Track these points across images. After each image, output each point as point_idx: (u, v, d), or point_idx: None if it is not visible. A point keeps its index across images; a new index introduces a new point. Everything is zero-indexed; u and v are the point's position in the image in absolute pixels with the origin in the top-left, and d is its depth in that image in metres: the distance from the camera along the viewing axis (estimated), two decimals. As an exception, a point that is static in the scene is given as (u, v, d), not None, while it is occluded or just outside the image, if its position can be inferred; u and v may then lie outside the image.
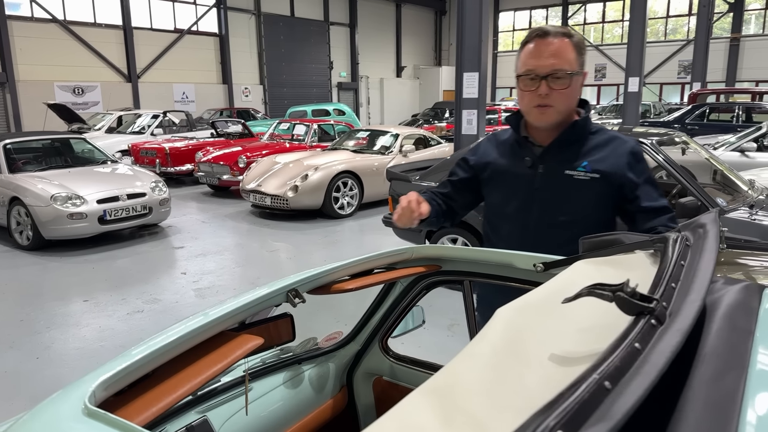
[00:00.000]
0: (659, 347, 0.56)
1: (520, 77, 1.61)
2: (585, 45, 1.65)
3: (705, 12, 18.61)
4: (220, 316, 0.94)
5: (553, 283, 0.97)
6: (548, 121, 1.62)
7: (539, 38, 1.59)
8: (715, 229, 0.95)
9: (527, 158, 1.66)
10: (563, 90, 1.57)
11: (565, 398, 0.48)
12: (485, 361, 0.72)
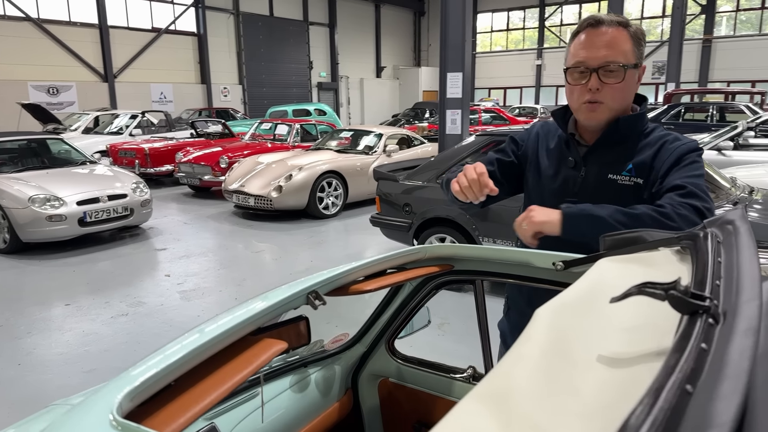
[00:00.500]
0: (732, 348, 0.54)
1: (569, 70, 1.47)
2: (644, 35, 1.48)
3: (678, 14, 18.96)
4: (242, 321, 0.90)
5: (584, 282, 0.96)
6: (599, 120, 1.46)
7: (591, 27, 1.44)
8: (746, 226, 0.95)
9: (570, 158, 1.53)
10: (616, 84, 1.41)
11: (649, 405, 0.46)
12: (535, 364, 0.70)
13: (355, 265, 1.14)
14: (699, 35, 24.37)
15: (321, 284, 1.06)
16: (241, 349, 0.90)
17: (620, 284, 0.96)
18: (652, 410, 0.44)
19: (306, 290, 1.02)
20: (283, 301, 0.97)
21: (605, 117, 1.46)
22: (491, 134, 4.98)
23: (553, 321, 0.79)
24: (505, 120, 15.63)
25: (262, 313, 0.93)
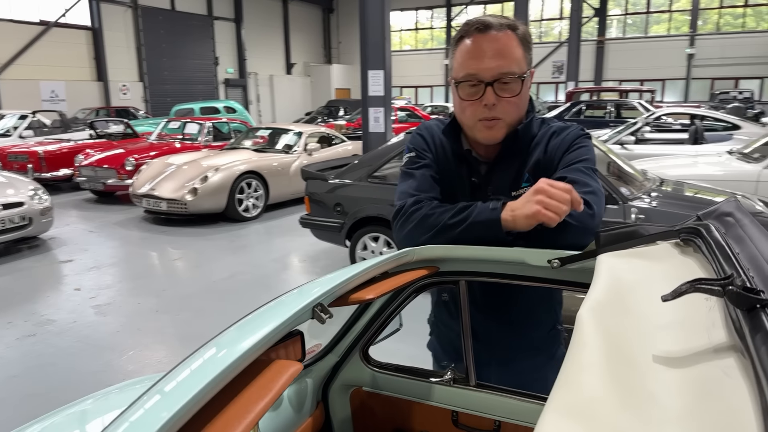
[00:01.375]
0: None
1: (459, 84, 1.31)
2: (531, 37, 1.36)
3: (576, 16, 20.15)
4: (253, 345, 0.79)
5: (604, 279, 0.93)
6: (497, 138, 1.34)
7: (479, 33, 1.28)
8: (748, 216, 0.96)
9: (474, 179, 1.40)
10: (513, 98, 1.29)
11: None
12: (601, 371, 0.65)
13: (352, 273, 1.05)
14: (593, 37, 26.03)
15: (325, 296, 0.96)
16: (253, 374, 0.79)
17: (637, 279, 0.94)
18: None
19: (311, 304, 0.92)
20: (290, 319, 0.87)
21: (503, 133, 1.33)
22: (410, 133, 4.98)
23: (598, 323, 0.75)
24: (420, 118, 15.86)
25: (271, 334, 0.82)
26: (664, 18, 26.43)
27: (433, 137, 1.48)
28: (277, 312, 0.91)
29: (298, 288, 1.09)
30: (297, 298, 0.96)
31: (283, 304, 0.94)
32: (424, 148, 1.47)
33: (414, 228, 1.32)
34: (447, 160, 1.45)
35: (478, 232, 1.23)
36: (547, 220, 1.14)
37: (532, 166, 1.37)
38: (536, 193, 1.17)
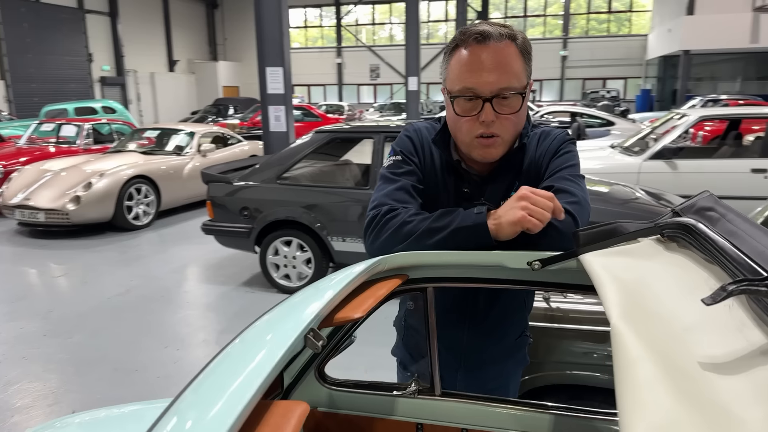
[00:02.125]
0: None
1: (456, 98, 1.23)
2: (531, 47, 1.27)
3: (462, 19, 20.90)
4: (257, 391, 0.65)
5: (609, 282, 0.89)
6: (495, 157, 1.28)
7: (478, 43, 1.20)
8: (733, 211, 0.96)
9: (466, 190, 1.34)
10: (512, 115, 1.22)
11: None
12: (667, 387, 0.59)
13: (333, 290, 0.93)
14: (476, 38, 27.23)
15: (315, 320, 0.83)
16: (255, 421, 0.65)
17: (636, 279, 0.91)
18: None
19: (303, 331, 0.79)
20: (287, 353, 0.73)
21: (501, 152, 1.27)
22: (331, 131, 4.87)
23: (636, 331, 0.70)
24: (316, 117, 15.66)
25: (273, 372, 0.69)
26: (539, 22, 28.27)
27: (422, 141, 1.39)
28: (266, 345, 0.77)
29: (273, 312, 0.95)
30: (283, 326, 0.82)
31: (269, 333, 0.80)
32: (411, 152, 1.38)
33: (390, 236, 1.22)
34: (434, 167, 1.37)
35: (463, 238, 1.16)
36: (531, 227, 1.10)
37: (524, 177, 1.33)
38: (519, 200, 1.12)
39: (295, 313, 0.87)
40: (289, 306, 0.96)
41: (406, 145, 1.39)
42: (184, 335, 4.03)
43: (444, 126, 1.37)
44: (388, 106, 21.53)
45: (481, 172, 1.35)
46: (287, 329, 0.79)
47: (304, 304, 0.92)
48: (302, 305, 0.92)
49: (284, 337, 0.75)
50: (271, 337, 0.80)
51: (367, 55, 29.62)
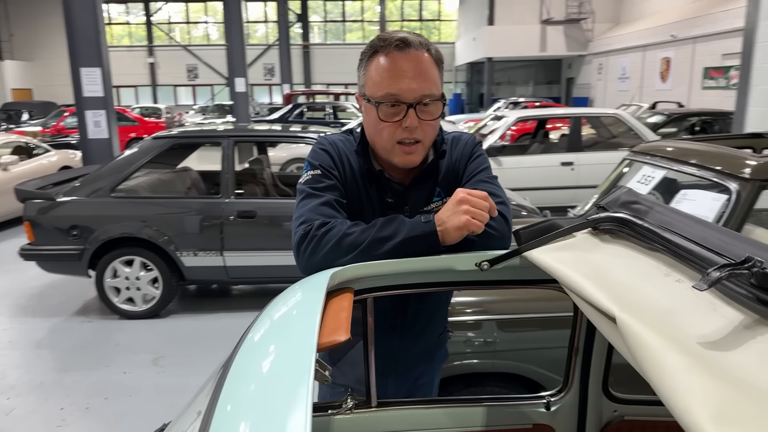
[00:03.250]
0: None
1: (380, 105, 1.21)
2: (442, 57, 1.30)
3: (283, 20, 20.78)
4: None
5: (574, 275, 0.93)
6: (415, 162, 1.28)
7: (399, 51, 1.20)
8: (658, 203, 1.07)
9: (390, 200, 1.32)
10: (432, 121, 1.25)
11: None
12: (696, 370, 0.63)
13: (316, 316, 0.83)
14: (299, 41, 27.27)
15: (313, 349, 0.73)
16: None
17: (593, 271, 0.97)
18: None
19: (311, 362, 0.69)
20: (308, 393, 0.63)
21: (421, 157, 1.29)
22: (174, 136, 4.48)
23: (641, 321, 0.74)
24: (132, 121, 14.36)
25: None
26: (357, 27, 29.24)
27: (340, 154, 1.34)
28: (279, 389, 0.66)
29: (256, 351, 0.83)
30: (285, 363, 0.72)
31: (274, 377, 0.69)
32: (330, 166, 1.31)
33: (331, 250, 1.15)
34: (355, 179, 1.33)
35: (413, 246, 1.13)
36: (475, 229, 1.12)
37: (442, 181, 1.34)
38: (460, 204, 1.13)
39: (293, 347, 0.77)
40: (277, 339, 0.85)
41: (324, 158, 1.33)
42: (14, 381, 3.41)
43: (363, 136, 1.34)
44: (211, 108, 20.55)
45: (403, 180, 1.34)
46: (295, 368, 0.69)
47: (293, 335, 0.82)
48: (293, 336, 0.81)
49: (297, 380, 0.65)
50: (278, 379, 0.69)
51: (183, 54, 28.00)
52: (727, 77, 13.56)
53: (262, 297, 4.86)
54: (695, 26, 14.71)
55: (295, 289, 1.07)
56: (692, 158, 2.65)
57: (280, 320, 0.94)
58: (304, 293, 1.00)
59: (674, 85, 16.04)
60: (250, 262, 4.26)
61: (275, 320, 0.94)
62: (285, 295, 1.05)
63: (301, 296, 1.00)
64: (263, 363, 0.76)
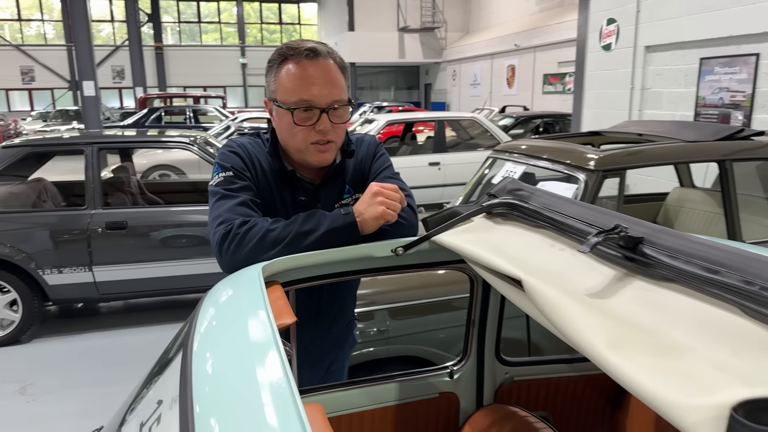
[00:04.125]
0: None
1: (295, 110, 1.30)
2: (347, 64, 1.43)
3: (133, 20, 19.49)
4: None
5: (480, 250, 1.08)
6: (329, 161, 1.38)
7: (309, 59, 1.30)
8: (537, 189, 1.26)
9: (302, 198, 1.41)
10: (343, 123, 1.37)
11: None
12: (590, 312, 0.80)
13: (265, 304, 0.88)
14: (151, 42, 25.69)
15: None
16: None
17: (495, 246, 1.13)
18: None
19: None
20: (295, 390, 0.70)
21: (333, 156, 1.40)
22: (24, 145, 4.08)
23: (542, 280, 0.91)
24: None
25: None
26: (213, 28, 28.23)
27: (250, 156, 1.39)
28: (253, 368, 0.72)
29: (203, 337, 0.87)
30: (251, 345, 0.77)
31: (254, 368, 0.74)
32: (242, 167, 1.36)
33: (255, 246, 1.20)
34: (267, 180, 1.39)
35: (336, 237, 1.23)
36: (390, 219, 1.25)
37: (350, 179, 1.45)
38: (375, 196, 1.26)
39: (253, 332, 0.82)
40: (232, 328, 0.89)
41: (235, 160, 1.38)
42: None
43: (274, 138, 1.41)
44: (54, 114, 18.67)
45: (314, 180, 1.43)
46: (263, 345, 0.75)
47: (248, 321, 0.87)
48: (248, 323, 0.86)
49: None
50: (255, 357, 0.74)
51: (15, 55, 25.10)
52: (563, 83, 15.19)
53: (135, 312, 4.61)
54: (535, 36, 16.28)
55: (226, 284, 1.11)
56: (545, 154, 3.02)
57: (227, 312, 0.98)
58: (241, 287, 1.05)
59: (519, 90, 17.60)
60: (123, 276, 4.03)
61: (221, 313, 0.99)
62: (218, 291, 1.09)
63: (239, 290, 1.05)
64: (227, 349, 0.82)
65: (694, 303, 0.79)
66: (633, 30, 6.54)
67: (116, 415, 1.08)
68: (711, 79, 5.61)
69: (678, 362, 0.69)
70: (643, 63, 6.50)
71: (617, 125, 3.65)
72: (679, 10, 5.91)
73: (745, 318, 0.72)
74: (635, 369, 0.69)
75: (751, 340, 0.68)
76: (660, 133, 3.08)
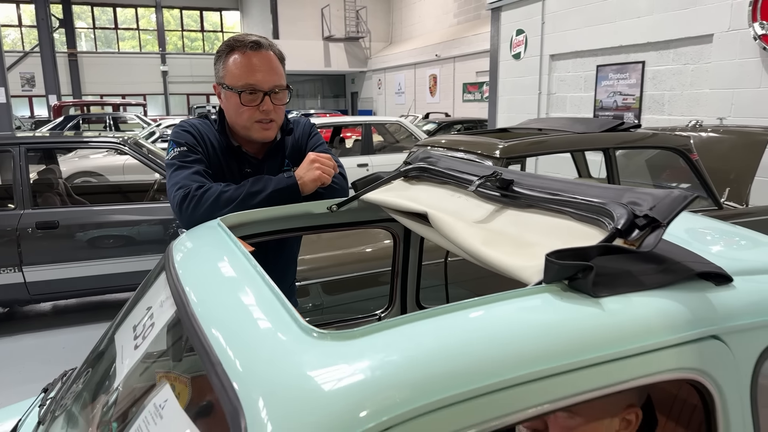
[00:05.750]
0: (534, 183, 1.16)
1: (242, 93, 1.54)
2: (283, 54, 1.67)
3: (45, 25, 18.63)
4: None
5: (400, 199, 1.38)
6: (272, 137, 1.63)
7: (253, 50, 1.55)
8: (442, 155, 1.58)
9: (248, 170, 1.64)
10: (283, 105, 1.62)
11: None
12: (472, 228, 1.12)
13: (239, 246, 1.12)
14: (64, 48, 24.55)
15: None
16: None
17: (411, 197, 1.43)
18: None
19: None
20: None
21: (275, 134, 1.64)
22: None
23: (439, 210, 1.21)
24: None
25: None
26: (130, 35, 27.36)
27: (201, 134, 1.62)
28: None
29: (190, 275, 1.10)
30: (237, 279, 1.02)
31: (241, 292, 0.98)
32: (194, 144, 1.59)
33: (211, 205, 1.44)
34: (216, 154, 1.63)
35: (280, 196, 1.49)
36: (326, 181, 1.53)
37: (289, 153, 1.71)
38: (313, 162, 1.54)
39: (238, 269, 1.04)
40: (215, 266, 1.11)
41: (188, 138, 1.62)
42: None
43: (222, 118, 1.66)
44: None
45: (257, 154, 1.69)
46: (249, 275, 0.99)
47: (220, 241, 1.12)
48: (220, 243, 1.11)
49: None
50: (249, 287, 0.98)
51: None
52: (481, 91, 16.00)
53: (64, 314, 4.59)
54: (455, 47, 17.06)
55: (192, 231, 1.34)
56: (461, 146, 3.40)
57: (200, 239, 1.22)
58: (205, 228, 1.29)
59: (441, 98, 18.33)
60: (54, 275, 4.05)
61: (194, 242, 1.22)
62: (186, 235, 1.32)
63: (203, 230, 1.28)
64: (205, 260, 1.06)
65: (545, 218, 1.12)
66: (539, 40, 7.17)
67: (99, 340, 1.29)
68: (606, 84, 6.28)
69: (528, 250, 1.01)
70: (549, 70, 7.14)
71: (522, 123, 4.11)
72: (578, 22, 6.57)
73: (572, 221, 1.05)
74: (499, 255, 1.00)
75: (574, 232, 1.02)
76: (556, 128, 3.54)
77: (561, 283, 0.84)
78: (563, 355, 0.71)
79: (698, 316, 0.82)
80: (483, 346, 0.70)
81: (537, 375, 0.69)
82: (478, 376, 0.67)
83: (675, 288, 0.86)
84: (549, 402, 0.69)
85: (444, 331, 0.72)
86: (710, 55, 5.06)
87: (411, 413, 0.62)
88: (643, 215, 0.89)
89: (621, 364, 0.74)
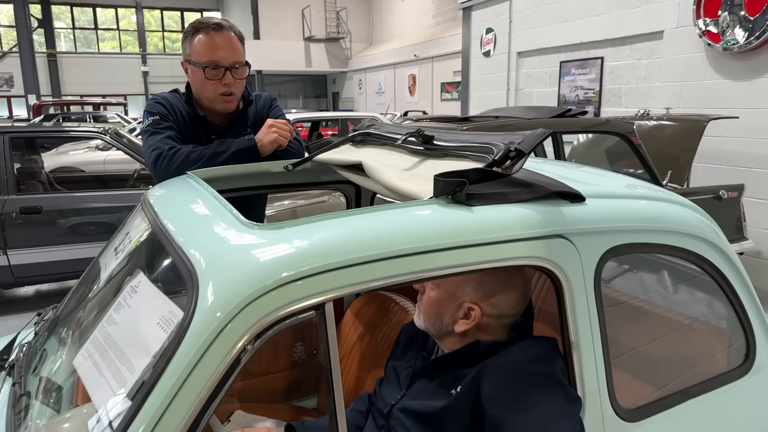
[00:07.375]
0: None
1: (206, 68, 1.76)
2: (243, 35, 1.92)
3: (23, 25, 18.58)
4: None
5: (347, 156, 1.63)
6: (232, 108, 1.87)
7: (216, 31, 1.78)
8: (383, 123, 1.83)
9: (214, 137, 1.87)
10: (242, 80, 1.85)
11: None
12: (397, 171, 1.37)
13: (217, 198, 1.36)
14: (43, 48, 24.43)
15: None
16: None
17: (357, 155, 1.68)
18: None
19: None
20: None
21: (235, 105, 1.89)
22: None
23: (372, 160, 1.46)
24: None
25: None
26: (110, 36, 27.29)
27: (172, 105, 1.86)
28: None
29: (173, 213, 1.34)
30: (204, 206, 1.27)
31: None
32: (165, 114, 1.83)
33: (181, 163, 1.69)
34: (185, 123, 1.87)
35: (242, 156, 1.74)
36: (283, 143, 1.78)
37: (251, 123, 1.95)
38: (270, 127, 1.80)
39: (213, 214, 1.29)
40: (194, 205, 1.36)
41: (160, 108, 1.87)
42: None
43: (189, 91, 1.90)
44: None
45: (221, 124, 1.93)
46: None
47: (193, 183, 1.36)
48: (194, 185, 1.35)
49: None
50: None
51: None
52: (458, 90, 16.31)
53: (48, 298, 4.77)
54: (433, 48, 17.37)
55: (167, 184, 1.58)
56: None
57: (174, 185, 1.46)
58: (175, 181, 1.53)
59: (420, 98, 18.64)
60: (39, 258, 4.23)
61: (169, 188, 1.46)
62: (160, 185, 1.56)
63: (175, 181, 1.52)
64: (180, 195, 1.30)
65: (453, 162, 1.37)
66: (507, 38, 7.48)
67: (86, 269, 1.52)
68: (569, 80, 6.60)
69: (431, 182, 1.27)
70: (516, 67, 7.45)
71: (483, 112, 4.39)
72: (543, 20, 6.89)
73: (470, 161, 1.31)
74: (409, 186, 1.26)
75: (467, 167, 1.27)
76: (511, 115, 3.83)
77: (446, 197, 1.10)
78: (434, 239, 0.97)
79: (548, 219, 1.09)
80: (377, 230, 0.96)
81: (414, 250, 0.95)
82: (372, 248, 0.92)
83: (535, 202, 1.12)
84: (422, 271, 0.95)
85: (350, 223, 0.98)
86: (662, 51, 5.39)
87: (317, 269, 0.88)
88: (513, 149, 1.16)
89: (479, 249, 1.00)
